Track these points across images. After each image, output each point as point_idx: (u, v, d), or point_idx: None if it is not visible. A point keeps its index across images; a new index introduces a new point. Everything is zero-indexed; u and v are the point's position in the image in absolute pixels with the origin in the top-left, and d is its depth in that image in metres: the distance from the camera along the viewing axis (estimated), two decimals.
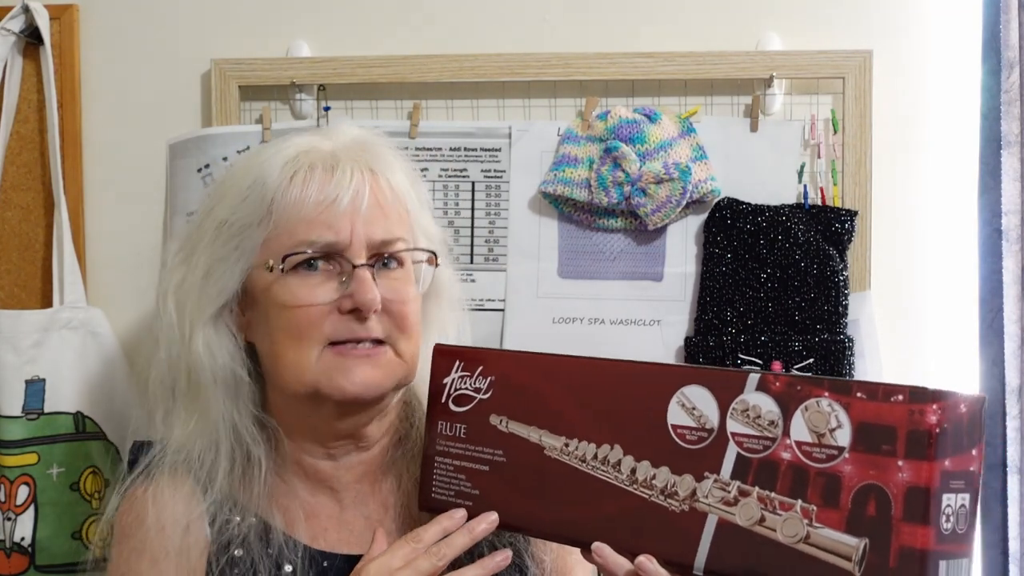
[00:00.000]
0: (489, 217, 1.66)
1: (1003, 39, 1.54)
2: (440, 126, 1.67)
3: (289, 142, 1.24)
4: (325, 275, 1.18)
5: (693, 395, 1.03)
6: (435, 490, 1.18)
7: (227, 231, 1.20)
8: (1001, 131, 1.55)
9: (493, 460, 1.14)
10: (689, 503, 1.02)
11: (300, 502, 1.24)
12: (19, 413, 1.67)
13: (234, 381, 1.22)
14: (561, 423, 1.10)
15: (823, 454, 0.96)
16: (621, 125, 1.61)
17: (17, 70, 1.74)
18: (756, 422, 0.99)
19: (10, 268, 1.76)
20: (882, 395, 0.94)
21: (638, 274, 1.64)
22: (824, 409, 0.96)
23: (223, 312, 1.22)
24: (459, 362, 1.18)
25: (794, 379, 0.98)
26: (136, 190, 1.75)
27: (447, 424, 1.18)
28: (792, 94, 1.62)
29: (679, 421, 1.03)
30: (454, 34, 1.69)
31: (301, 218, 1.17)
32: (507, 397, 1.14)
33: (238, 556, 1.18)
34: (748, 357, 1.57)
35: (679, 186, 1.58)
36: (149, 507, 1.20)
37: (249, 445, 1.21)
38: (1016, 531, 1.55)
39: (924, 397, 0.92)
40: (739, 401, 1.00)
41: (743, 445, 1.00)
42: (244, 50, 1.70)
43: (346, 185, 1.18)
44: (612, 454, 1.07)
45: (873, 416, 0.94)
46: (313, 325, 1.17)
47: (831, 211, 1.58)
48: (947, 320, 1.63)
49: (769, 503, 0.98)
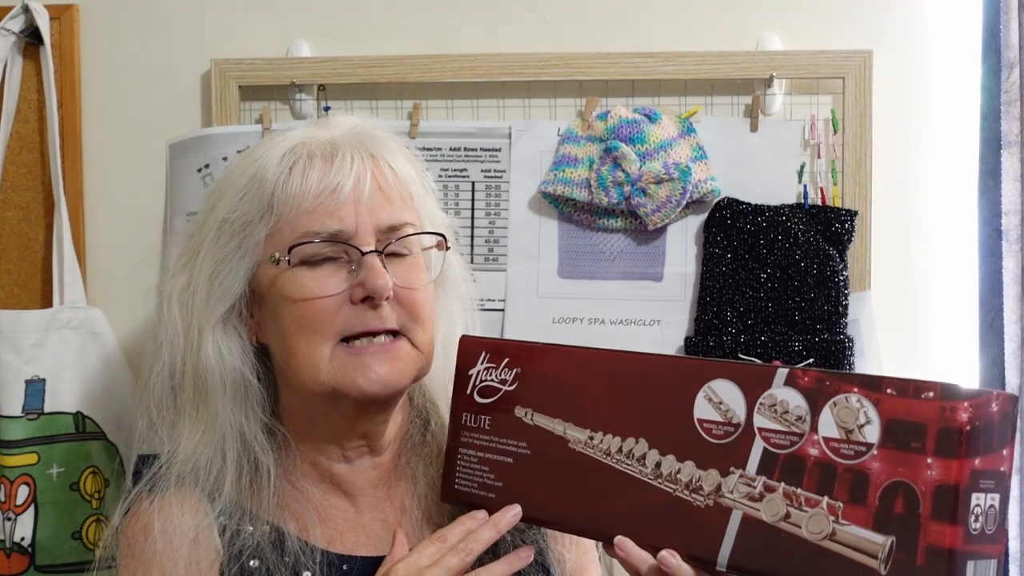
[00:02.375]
0: (489, 217, 1.66)
1: (1003, 39, 1.54)
2: (440, 126, 1.67)
3: (286, 135, 1.21)
4: (334, 265, 1.15)
5: (720, 389, 1.02)
6: (458, 482, 1.17)
7: (229, 229, 1.17)
8: (1001, 131, 1.55)
9: (517, 452, 1.13)
10: (714, 498, 1.01)
11: (313, 506, 1.21)
12: (19, 413, 1.67)
13: (243, 386, 1.19)
14: (586, 416, 1.09)
15: (851, 450, 0.94)
16: (621, 125, 1.61)
17: (17, 70, 1.74)
18: (783, 417, 0.98)
19: (10, 268, 1.76)
20: (913, 391, 0.92)
21: (638, 274, 1.64)
22: (853, 405, 0.94)
23: (231, 315, 1.19)
24: (485, 353, 1.17)
25: (823, 374, 0.96)
26: (136, 190, 1.75)
27: (472, 416, 1.17)
28: (792, 94, 1.62)
29: (705, 415, 1.02)
30: (454, 34, 1.69)
31: (303, 209, 1.15)
32: (532, 389, 1.13)
33: (253, 567, 1.15)
34: (748, 357, 1.57)
35: (679, 186, 1.58)
36: (155, 520, 1.16)
37: (257, 453, 1.19)
38: (1016, 531, 1.55)
39: (956, 394, 0.90)
40: (767, 396, 0.99)
41: (770, 440, 0.98)
42: (244, 50, 1.70)
43: (347, 172, 1.15)
44: (637, 448, 1.06)
45: (903, 413, 0.92)
46: (325, 318, 1.14)
47: (831, 211, 1.58)
48: (947, 320, 1.63)
49: (795, 499, 0.96)
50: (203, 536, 1.16)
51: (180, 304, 1.21)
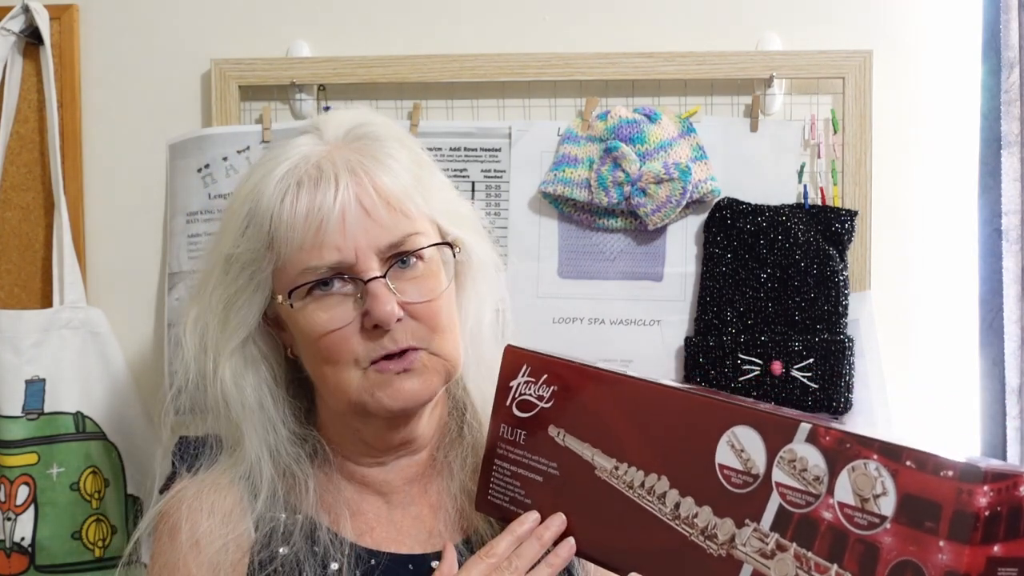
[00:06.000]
0: (489, 217, 1.66)
1: (1003, 39, 1.54)
2: (440, 126, 1.67)
3: (283, 154, 1.18)
4: (340, 296, 1.15)
5: (743, 436, 1.00)
6: (491, 493, 1.16)
7: (237, 264, 1.18)
8: (1001, 131, 1.55)
9: (547, 472, 1.12)
10: (727, 548, 0.99)
11: (345, 500, 1.22)
12: (19, 413, 1.67)
13: (262, 412, 1.20)
14: (614, 445, 1.08)
15: (865, 520, 0.91)
16: (621, 125, 1.61)
17: (17, 70, 1.74)
18: (802, 475, 0.96)
19: (10, 268, 1.76)
20: (932, 467, 0.88)
21: (638, 274, 1.64)
22: (871, 473, 0.91)
23: (248, 341, 1.20)
24: (526, 367, 1.15)
25: (845, 435, 0.93)
26: (136, 190, 1.75)
27: (508, 428, 1.16)
28: (792, 94, 1.62)
29: (727, 461, 1.00)
30: (454, 34, 1.68)
31: (298, 245, 1.14)
32: (567, 410, 1.12)
33: (283, 554, 1.17)
34: (748, 357, 1.57)
35: (679, 186, 1.58)
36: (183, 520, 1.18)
37: (291, 465, 1.20)
38: None
39: (975, 476, 0.85)
40: (787, 450, 0.97)
41: (786, 497, 0.96)
42: (244, 50, 1.70)
43: (331, 201, 1.13)
44: (659, 485, 1.04)
45: (920, 488, 0.88)
46: (343, 348, 1.14)
47: (831, 211, 1.58)
48: (947, 320, 1.63)
49: (805, 562, 0.94)
50: (235, 538, 1.18)
51: (193, 335, 1.22)
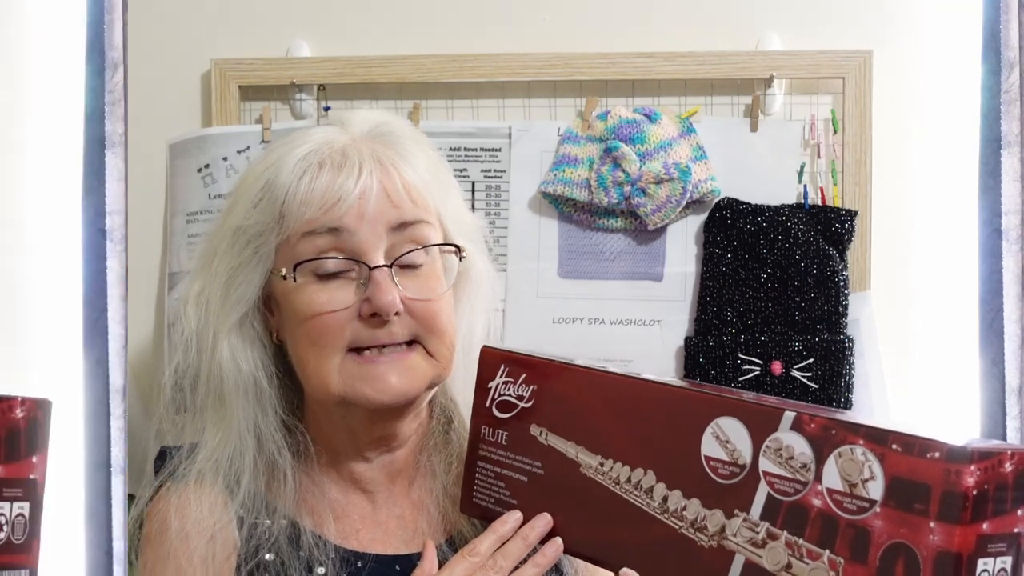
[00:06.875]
0: (489, 217, 1.66)
1: (1003, 39, 1.54)
2: (440, 126, 1.67)
3: (305, 138, 1.19)
4: (343, 279, 1.15)
5: (727, 427, 0.99)
6: (476, 495, 1.16)
7: (243, 237, 1.18)
8: (1001, 131, 1.55)
9: (531, 471, 1.12)
10: (718, 539, 0.99)
11: (329, 502, 1.21)
12: None
13: (257, 390, 1.20)
14: (598, 441, 1.07)
15: (854, 505, 0.91)
16: (621, 125, 1.61)
17: None
18: (788, 463, 0.95)
19: None
20: (918, 450, 0.88)
21: (638, 274, 1.64)
22: (858, 458, 0.91)
23: (246, 319, 1.20)
24: (504, 367, 1.14)
25: (830, 422, 0.93)
26: (136, 190, 1.74)
27: (490, 430, 1.15)
28: (792, 94, 1.62)
29: (712, 453, 1.00)
30: (454, 34, 1.68)
31: (307, 217, 1.14)
32: (548, 408, 1.11)
33: (269, 560, 1.16)
34: (748, 357, 1.57)
35: (679, 186, 1.58)
36: (175, 512, 1.17)
37: (274, 454, 1.19)
38: None
39: (962, 457, 0.85)
40: (772, 439, 0.96)
41: (774, 486, 0.96)
42: (244, 50, 1.70)
43: (353, 182, 1.14)
44: (645, 479, 1.04)
45: (907, 471, 0.88)
46: (333, 332, 1.14)
47: (831, 211, 1.58)
48: (947, 320, 1.63)
49: (797, 549, 0.94)
50: (221, 529, 1.17)
51: (196, 308, 1.21)
